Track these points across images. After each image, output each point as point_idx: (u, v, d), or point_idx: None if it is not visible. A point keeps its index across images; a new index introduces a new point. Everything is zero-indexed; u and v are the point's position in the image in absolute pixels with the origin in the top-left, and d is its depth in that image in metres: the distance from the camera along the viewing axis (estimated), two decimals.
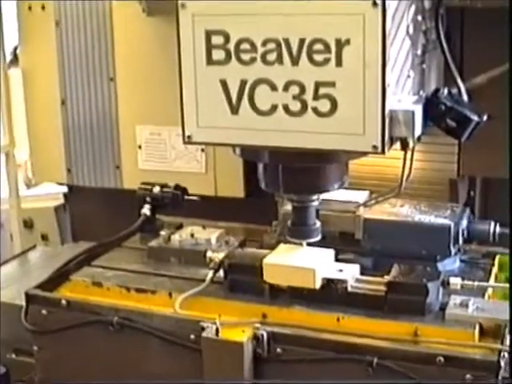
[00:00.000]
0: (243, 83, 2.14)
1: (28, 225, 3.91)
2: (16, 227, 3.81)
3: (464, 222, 2.61)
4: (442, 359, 2.11)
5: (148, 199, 2.93)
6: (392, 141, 2.13)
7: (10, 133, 3.69)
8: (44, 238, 3.89)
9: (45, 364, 2.60)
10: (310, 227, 2.42)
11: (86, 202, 3.62)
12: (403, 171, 2.25)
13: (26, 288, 2.59)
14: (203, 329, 2.28)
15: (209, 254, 2.55)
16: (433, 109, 2.23)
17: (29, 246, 3.53)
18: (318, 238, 2.44)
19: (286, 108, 2.12)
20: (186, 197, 2.95)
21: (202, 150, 3.21)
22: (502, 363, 2.10)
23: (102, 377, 2.49)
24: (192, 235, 2.78)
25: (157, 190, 2.93)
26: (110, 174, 3.40)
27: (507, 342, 2.21)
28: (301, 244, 2.44)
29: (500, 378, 2.09)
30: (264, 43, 2.09)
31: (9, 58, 3.90)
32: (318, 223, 2.43)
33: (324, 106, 2.09)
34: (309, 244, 2.45)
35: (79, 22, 3.28)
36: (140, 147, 3.31)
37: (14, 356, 2.85)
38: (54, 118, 3.42)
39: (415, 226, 2.57)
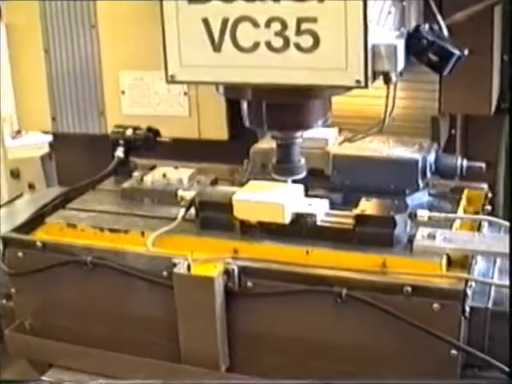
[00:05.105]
0: (225, 21, 2.01)
1: (15, 175, 3.79)
2: (3, 177, 3.69)
3: (431, 156, 2.50)
4: (409, 289, 2.02)
5: (121, 142, 2.80)
6: (375, 75, 2.01)
7: None
8: (31, 186, 3.78)
9: (23, 306, 2.50)
10: (294, 164, 2.30)
11: (71, 149, 3.47)
12: (386, 107, 2.13)
13: None
14: (175, 265, 2.18)
15: (180, 192, 2.44)
16: (415, 44, 2.11)
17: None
18: (303, 174, 2.33)
19: (269, 44, 2.00)
20: (158, 138, 2.82)
21: (185, 94, 3.05)
22: (469, 292, 2.01)
23: (78, 316, 2.41)
24: (164, 175, 2.66)
25: (129, 132, 2.80)
26: (95, 120, 3.24)
27: (475, 272, 2.12)
28: (286, 181, 2.33)
29: (467, 307, 2.00)
30: None
31: None
32: (303, 160, 2.32)
33: (306, 41, 1.97)
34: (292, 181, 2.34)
35: None
36: (123, 92, 3.15)
37: (4, 302, 2.71)
38: (38, 67, 3.26)
39: (383, 161, 2.45)
